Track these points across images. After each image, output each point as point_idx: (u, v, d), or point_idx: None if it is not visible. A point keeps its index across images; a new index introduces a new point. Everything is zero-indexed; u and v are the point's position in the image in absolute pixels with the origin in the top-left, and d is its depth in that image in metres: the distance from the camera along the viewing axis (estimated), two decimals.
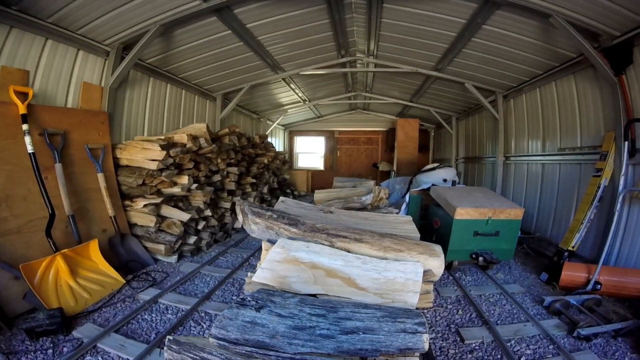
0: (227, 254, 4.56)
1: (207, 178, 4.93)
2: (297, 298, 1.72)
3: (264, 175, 7.61)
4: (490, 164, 7.25)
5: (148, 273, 3.96)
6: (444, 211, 3.70)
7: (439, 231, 3.82)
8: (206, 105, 7.06)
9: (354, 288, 1.83)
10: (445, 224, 3.65)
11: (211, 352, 1.36)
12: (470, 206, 3.34)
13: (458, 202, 3.42)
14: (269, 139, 11.09)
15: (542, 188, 5.31)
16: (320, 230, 2.09)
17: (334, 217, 2.59)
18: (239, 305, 1.61)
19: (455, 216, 3.35)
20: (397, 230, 2.45)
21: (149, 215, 4.21)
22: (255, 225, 2.19)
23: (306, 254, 1.94)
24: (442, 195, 3.74)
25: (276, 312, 1.57)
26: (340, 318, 1.55)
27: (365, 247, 2.03)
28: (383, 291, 1.82)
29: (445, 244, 3.49)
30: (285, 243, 2.03)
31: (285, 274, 1.88)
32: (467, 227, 3.39)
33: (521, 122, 6.01)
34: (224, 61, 5.87)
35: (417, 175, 5.72)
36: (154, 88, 5.50)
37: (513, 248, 3.55)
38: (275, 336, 1.44)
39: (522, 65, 5.31)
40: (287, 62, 6.52)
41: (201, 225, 4.67)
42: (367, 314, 1.59)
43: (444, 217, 3.70)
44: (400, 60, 6.43)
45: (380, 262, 1.94)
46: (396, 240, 2.08)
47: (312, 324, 1.51)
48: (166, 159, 4.13)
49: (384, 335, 1.46)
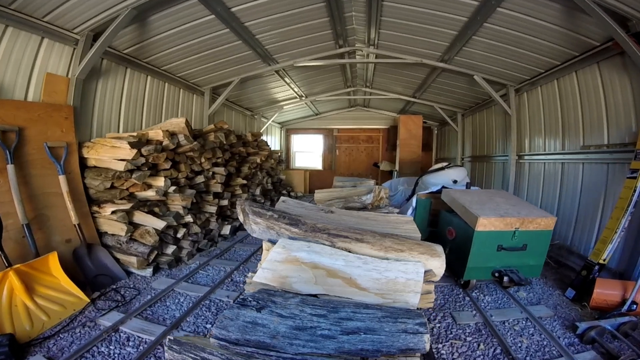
0: (209, 267, 4.06)
1: (188, 180, 4.44)
2: (298, 298, 1.71)
3: (257, 175, 7.13)
4: (500, 164, 6.77)
5: (117, 290, 3.49)
6: (460, 220, 3.22)
7: (455, 243, 3.35)
8: (193, 100, 6.57)
9: (355, 288, 1.82)
10: (462, 236, 3.17)
11: (212, 353, 1.34)
12: (494, 215, 2.85)
13: (479, 210, 2.93)
14: (264, 137, 10.64)
15: (562, 190, 4.83)
16: (321, 230, 2.07)
17: (334, 217, 2.56)
18: (240, 305, 1.60)
19: (476, 227, 2.85)
20: (398, 230, 2.40)
21: (119, 223, 3.73)
22: (256, 225, 2.16)
23: (307, 254, 1.92)
24: (458, 201, 3.26)
25: (277, 313, 1.57)
26: (342, 318, 1.54)
27: (367, 247, 2.00)
28: (384, 291, 1.81)
29: (462, 260, 3.01)
30: (286, 243, 2.01)
31: (286, 274, 1.87)
32: (491, 241, 2.91)
33: (536, 117, 5.52)
34: (209, 51, 5.38)
35: (423, 176, 5.22)
36: (131, 80, 5.01)
37: (541, 264, 3.06)
38: (276, 336, 1.44)
39: (538, 55, 4.84)
40: (280, 53, 6.02)
41: (181, 233, 4.18)
42: (368, 314, 1.58)
43: (461, 228, 3.22)
44: (404, 50, 5.94)
45: (381, 262, 1.93)
46: (397, 241, 2.06)
47: (313, 324, 1.51)
48: (137, 159, 3.65)
49: (385, 336, 1.45)
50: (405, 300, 1.80)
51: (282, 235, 2.12)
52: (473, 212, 2.90)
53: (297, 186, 11.82)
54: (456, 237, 3.30)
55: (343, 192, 3.80)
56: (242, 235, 5.62)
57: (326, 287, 1.82)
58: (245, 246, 4.97)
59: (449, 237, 3.48)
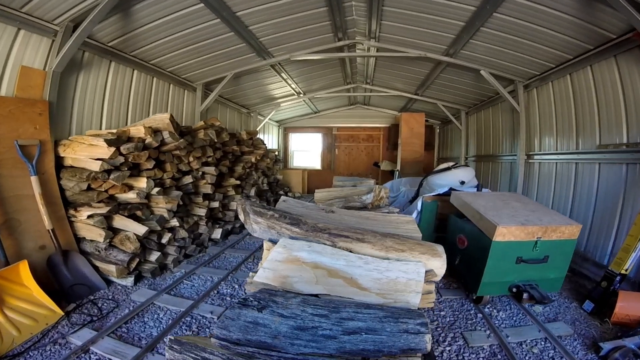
0: (195, 276, 3.78)
1: (174, 180, 4.16)
2: (299, 298, 1.71)
3: (252, 175, 6.85)
4: (507, 164, 6.49)
5: (95, 301, 3.25)
6: (474, 227, 2.93)
7: (466, 253, 3.08)
8: (184, 96, 6.28)
9: (356, 288, 1.83)
10: (476, 245, 2.89)
11: (213, 353, 1.35)
12: (514, 223, 2.56)
13: (497, 217, 2.64)
14: (261, 135, 10.36)
15: (576, 192, 4.55)
16: (322, 230, 2.08)
17: (335, 217, 2.56)
18: (241, 305, 1.60)
19: (494, 237, 2.55)
20: (399, 230, 2.41)
21: (97, 228, 3.45)
22: (257, 225, 2.16)
23: (308, 253, 1.93)
24: (471, 206, 2.97)
25: (278, 313, 1.57)
26: (343, 318, 1.54)
27: (367, 247, 2.01)
28: (385, 291, 1.82)
29: (475, 273, 2.73)
30: (287, 243, 2.02)
31: (287, 273, 1.87)
32: (509, 252, 2.62)
33: (547, 114, 5.25)
34: (199, 44, 5.10)
35: (428, 177, 4.93)
36: (116, 74, 4.73)
37: (563, 277, 2.78)
38: (278, 336, 1.44)
39: (549, 49, 4.56)
40: (275, 46, 5.73)
41: (166, 239, 3.90)
42: (370, 314, 1.59)
43: (475, 236, 2.93)
44: (406, 43, 5.65)
45: (382, 262, 1.93)
46: (398, 240, 2.07)
47: (314, 324, 1.52)
48: (115, 158, 3.37)
49: (387, 336, 1.45)
50: (407, 300, 1.80)
51: (283, 235, 2.11)
52: (490, 219, 2.60)
53: (295, 186, 11.55)
54: (468, 247, 3.02)
55: (343, 192, 3.73)
56: (234, 239, 5.35)
57: (327, 287, 1.82)
58: (236, 252, 4.69)
59: (459, 245, 3.19)
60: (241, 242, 5.19)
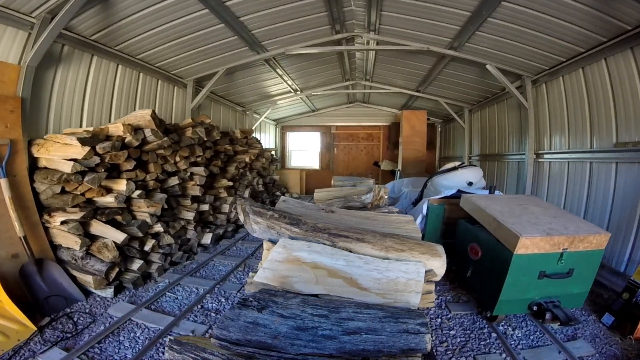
0: (179, 287, 3.51)
1: (159, 182, 3.90)
2: (299, 298, 1.72)
3: (246, 176, 6.60)
4: (514, 163, 6.24)
5: (71, 315, 3.02)
6: (489, 236, 2.65)
7: (480, 265, 2.80)
8: (173, 92, 6.03)
9: (356, 288, 1.83)
10: (492, 257, 2.61)
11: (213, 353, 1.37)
12: (538, 233, 2.27)
13: (518, 225, 2.35)
14: (257, 135, 10.13)
15: (590, 194, 4.31)
16: (321, 230, 2.10)
17: (335, 217, 2.57)
18: (241, 305, 1.60)
19: (517, 249, 2.24)
20: (398, 230, 2.41)
21: (72, 235, 3.20)
22: (257, 225, 2.17)
23: (308, 253, 1.94)
24: (486, 211, 2.70)
25: (278, 313, 1.57)
26: (343, 318, 1.55)
27: (367, 247, 2.02)
28: (385, 291, 1.82)
29: (491, 288, 2.47)
30: (286, 243, 2.03)
31: (287, 274, 1.88)
32: (532, 266, 2.33)
33: (558, 111, 5.00)
34: (188, 37, 4.84)
35: (433, 177, 4.67)
36: (98, 69, 4.48)
37: (587, 292, 2.50)
38: (278, 337, 1.45)
39: (560, 41, 4.32)
40: (269, 39, 5.47)
41: (149, 246, 3.65)
42: (370, 314, 1.59)
43: (491, 246, 2.64)
44: (408, 36, 5.39)
45: (382, 262, 1.94)
46: (398, 240, 2.08)
47: (314, 324, 1.52)
48: (89, 158, 3.12)
49: (387, 336, 1.46)
50: (407, 300, 1.80)
51: (283, 235, 2.12)
52: (511, 228, 2.30)
53: (293, 187, 11.32)
54: (483, 258, 2.74)
55: (343, 192, 3.71)
56: (226, 244, 5.09)
57: (327, 287, 1.83)
58: (226, 259, 4.41)
59: (472, 256, 2.90)
60: (232, 247, 4.92)
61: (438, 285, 3.42)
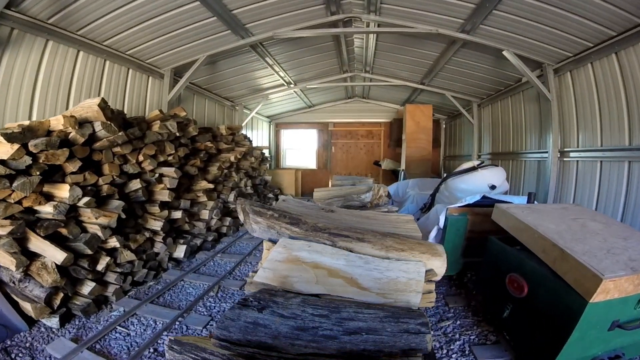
0: (134, 319, 2.87)
1: (115, 187, 3.29)
2: (299, 298, 1.72)
3: (231, 177, 6.01)
4: (534, 162, 5.66)
5: (8, 350, 2.48)
6: (543, 269, 2.00)
7: (526, 307, 2.14)
8: (148, 83, 5.42)
9: (357, 288, 1.84)
10: (548, 301, 1.96)
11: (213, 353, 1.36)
12: (622, 270, 1.62)
13: (592, 257, 1.71)
14: (248, 132, 9.55)
15: (629, 198, 3.75)
16: (322, 230, 2.11)
17: (335, 216, 2.59)
18: (241, 306, 1.60)
19: (595, 296, 1.60)
20: (398, 229, 2.41)
21: (6, 253, 2.61)
22: (257, 225, 2.16)
23: (308, 253, 1.95)
24: (538, 232, 2.06)
25: (278, 313, 1.58)
26: (343, 318, 1.56)
27: (368, 247, 2.02)
28: (385, 291, 1.82)
29: (546, 345, 1.88)
30: (286, 242, 2.03)
31: (287, 273, 1.89)
32: (607, 315, 1.72)
33: (586, 103, 4.43)
34: (159, 17, 4.25)
35: (447, 180, 4.06)
36: (53, 56, 3.92)
37: None
38: (278, 337, 1.45)
39: (589, 22, 3.79)
40: (254, 21, 4.86)
41: (102, 265, 3.05)
42: (370, 314, 1.60)
43: (546, 284, 1.99)
44: (413, 17, 4.81)
45: (382, 261, 1.95)
46: (398, 240, 2.08)
47: (314, 324, 1.53)
48: (19, 158, 2.52)
49: (387, 336, 1.46)
50: (407, 300, 1.81)
51: (283, 235, 2.13)
52: (585, 263, 1.64)
53: (288, 188, 10.74)
54: (531, 298, 2.10)
55: (342, 191, 3.70)
56: (202, 258, 4.46)
57: (327, 287, 1.84)
58: (199, 279, 3.74)
59: (512, 291, 2.24)
60: (209, 262, 4.29)
61: (459, 318, 2.83)
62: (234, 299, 3.21)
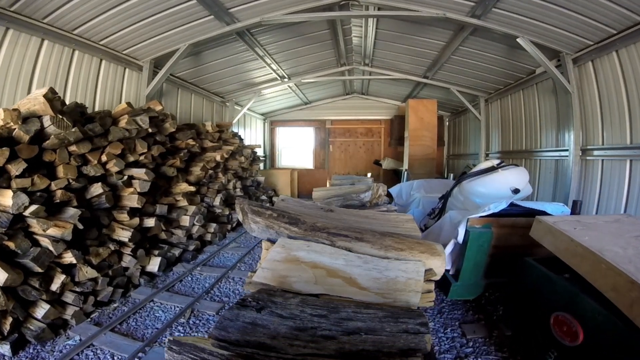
0: (90, 350, 2.45)
1: (71, 192, 2.89)
2: (298, 298, 1.75)
3: (218, 179, 5.62)
4: (551, 161, 5.27)
5: None
6: (608, 313, 1.54)
7: (576, 355, 1.69)
8: (124, 76, 5.02)
9: (356, 288, 1.87)
10: (613, 354, 1.52)
11: (212, 353, 1.38)
12: None
13: None
14: (241, 130, 9.19)
15: None
16: (321, 229, 2.13)
17: (334, 216, 2.63)
18: (240, 306, 1.63)
19: None
20: (397, 229, 2.44)
21: None
22: (255, 224, 2.20)
23: (307, 253, 1.98)
24: (604, 259, 1.59)
25: (277, 313, 1.61)
26: (342, 319, 1.58)
27: (367, 246, 2.06)
28: (384, 291, 1.85)
29: None
30: (285, 242, 2.06)
31: (286, 273, 1.91)
32: None
33: (612, 96, 4.07)
34: (129, 2, 3.89)
35: (462, 183, 3.61)
36: (13, 46, 3.65)
37: None
38: (277, 337, 1.48)
39: (615, 5, 3.49)
40: (239, 5, 4.44)
41: (57, 284, 2.66)
42: (369, 314, 1.62)
43: (613, 333, 1.54)
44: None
45: (381, 261, 1.98)
46: (397, 240, 2.11)
47: (313, 324, 1.55)
48: None
49: (386, 336, 1.48)
50: (406, 300, 1.81)
51: (282, 234, 2.16)
52: None
53: (283, 189, 10.35)
54: (587, 347, 1.64)
55: (341, 190, 3.71)
56: (180, 272, 4.03)
57: (326, 287, 1.86)
58: (170, 299, 3.33)
59: (559, 336, 1.79)
60: (186, 278, 3.87)
61: (480, 355, 2.37)
62: (208, 326, 2.80)
